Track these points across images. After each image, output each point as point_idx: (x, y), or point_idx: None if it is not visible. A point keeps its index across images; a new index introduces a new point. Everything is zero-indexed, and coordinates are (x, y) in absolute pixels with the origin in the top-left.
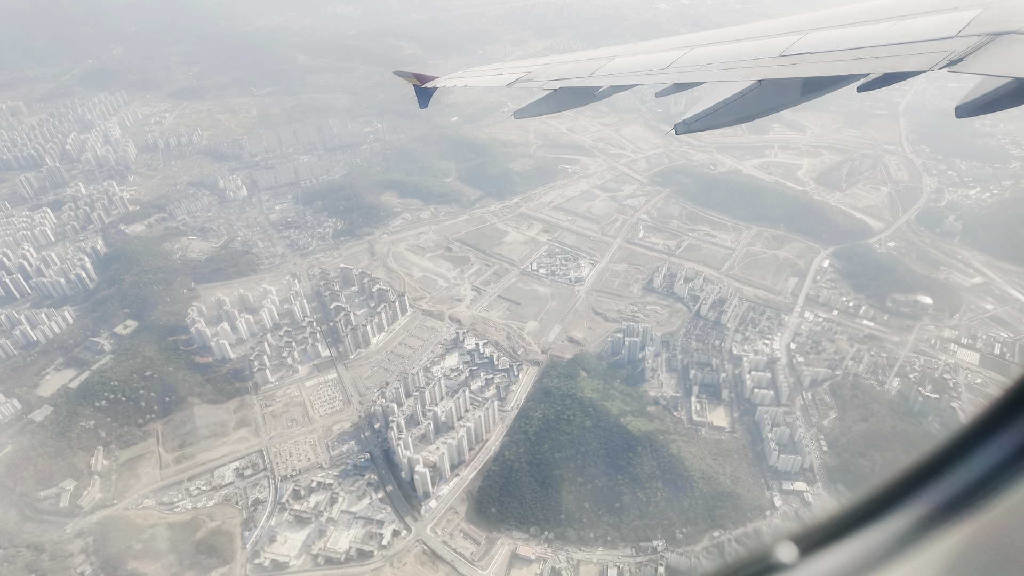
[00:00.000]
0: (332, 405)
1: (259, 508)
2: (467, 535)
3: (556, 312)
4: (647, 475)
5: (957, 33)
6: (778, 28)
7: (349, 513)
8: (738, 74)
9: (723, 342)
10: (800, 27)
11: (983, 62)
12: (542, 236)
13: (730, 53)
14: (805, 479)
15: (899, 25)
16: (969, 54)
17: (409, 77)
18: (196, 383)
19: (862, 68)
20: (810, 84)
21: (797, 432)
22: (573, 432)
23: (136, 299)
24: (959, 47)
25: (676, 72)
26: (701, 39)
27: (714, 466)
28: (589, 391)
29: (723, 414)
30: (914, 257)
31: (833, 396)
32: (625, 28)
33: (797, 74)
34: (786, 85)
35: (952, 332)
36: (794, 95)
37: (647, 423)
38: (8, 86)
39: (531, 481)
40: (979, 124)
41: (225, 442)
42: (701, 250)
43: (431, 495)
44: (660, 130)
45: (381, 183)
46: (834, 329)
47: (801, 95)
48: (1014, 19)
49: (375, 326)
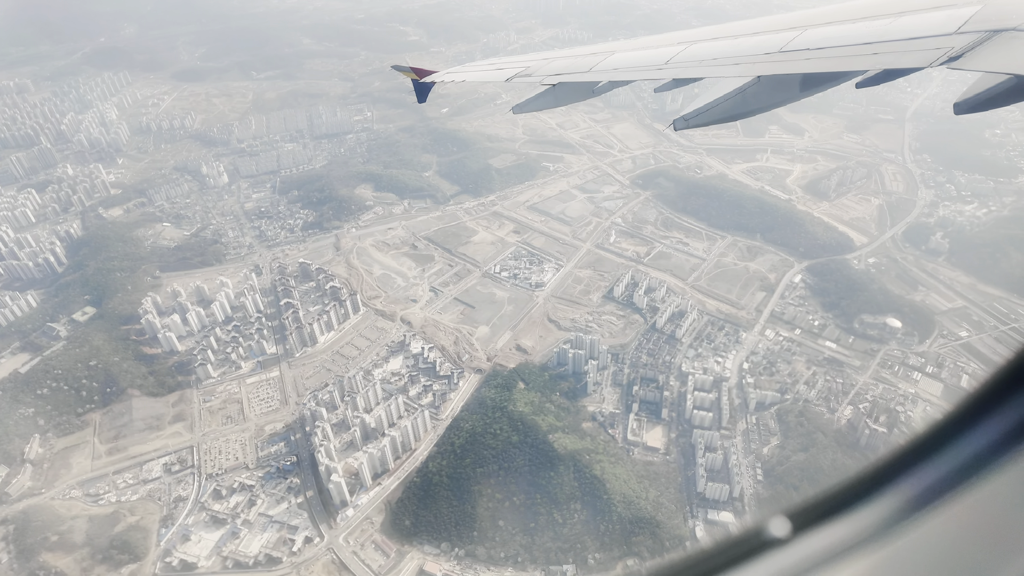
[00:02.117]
0: (269, 404)
1: (180, 505)
2: (379, 547)
3: (510, 318)
4: (566, 496)
5: (956, 30)
6: (777, 24)
7: (266, 516)
8: (737, 70)
9: (674, 358)
10: (799, 23)
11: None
12: (511, 237)
13: (729, 49)
14: (733, 509)
15: (898, 21)
16: (968, 51)
17: (407, 72)
18: (139, 375)
19: (860, 65)
20: (809, 80)
21: (731, 458)
22: (498, 447)
23: (98, 286)
24: (958, 44)
25: (675, 68)
26: (700, 35)
27: (637, 490)
28: (522, 404)
29: (660, 434)
30: (893, 276)
31: (779, 422)
32: (635, 19)
33: (795, 70)
34: (785, 81)
35: (918, 359)
36: (793, 91)
37: (576, 441)
38: (21, 63)
39: (449, 495)
40: (989, 134)
41: (159, 436)
42: (671, 259)
43: (348, 503)
44: (653, 129)
45: (358, 175)
46: (793, 350)
47: (800, 91)
48: (1012, 16)
49: (323, 324)
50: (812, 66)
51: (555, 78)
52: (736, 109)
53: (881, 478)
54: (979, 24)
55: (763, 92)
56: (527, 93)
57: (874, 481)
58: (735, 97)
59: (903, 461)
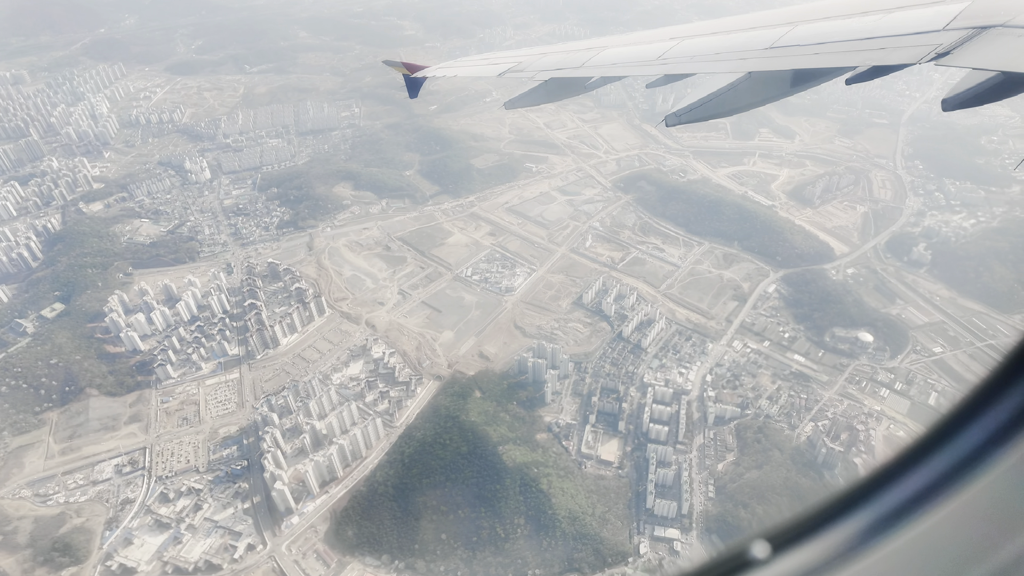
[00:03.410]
0: (226, 407)
1: (127, 508)
2: (320, 556)
3: (476, 323)
4: (511, 510)
5: (944, 27)
6: (769, 20)
7: (211, 521)
8: (728, 66)
9: (638, 368)
10: (791, 19)
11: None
12: (487, 239)
13: (720, 45)
14: (680, 526)
15: (887, 18)
16: (956, 47)
17: (399, 67)
18: (99, 374)
19: (850, 61)
20: (799, 76)
21: (683, 474)
22: (447, 457)
23: (68, 282)
24: (946, 40)
25: (666, 63)
26: (692, 30)
27: (584, 505)
28: (475, 414)
29: (616, 447)
30: (871, 288)
31: (737, 437)
32: (636, 16)
33: (786, 66)
34: (775, 77)
35: (888, 375)
36: (784, 87)
37: (527, 453)
38: (21, 53)
39: (393, 506)
40: (985, 140)
41: (114, 436)
42: (645, 265)
43: (294, 511)
44: (641, 130)
45: (338, 173)
46: (759, 362)
47: (791, 87)
48: (1000, 13)
49: (286, 326)
50: (802, 62)
51: (547, 73)
52: (727, 105)
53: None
54: (966, 21)
55: (754, 88)
56: (519, 89)
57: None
58: (726, 93)
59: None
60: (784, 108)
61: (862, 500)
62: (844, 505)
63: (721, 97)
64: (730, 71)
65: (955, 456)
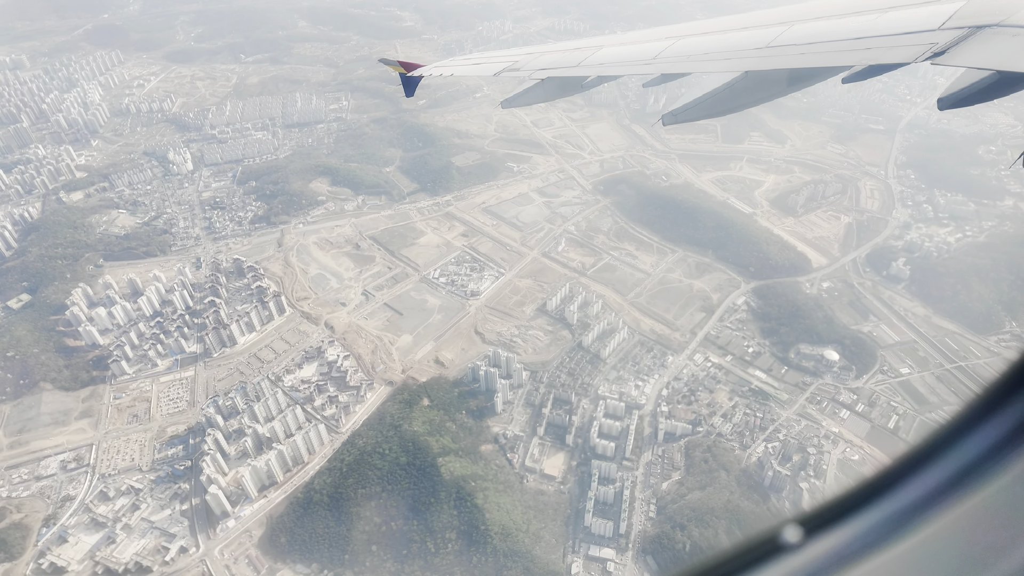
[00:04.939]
0: (177, 405)
1: (67, 505)
2: (251, 562)
3: (436, 327)
4: (443, 524)
5: (940, 26)
6: (766, 19)
7: (148, 522)
8: (724, 65)
9: (594, 379)
10: (788, 18)
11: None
12: (459, 240)
13: (717, 44)
14: (617, 546)
15: (883, 17)
16: (951, 47)
17: (395, 65)
18: (55, 368)
19: (846, 60)
20: (795, 76)
21: (624, 492)
22: (385, 468)
23: (37, 273)
24: (941, 40)
25: (662, 63)
26: (689, 29)
27: (519, 521)
28: (419, 423)
29: (561, 461)
30: (844, 303)
31: (685, 456)
32: (638, 11)
33: (782, 65)
34: (772, 77)
35: (850, 396)
36: (780, 87)
37: (468, 465)
38: (25, 37)
39: (327, 515)
40: (983, 150)
41: (63, 431)
42: (615, 272)
43: (230, 515)
44: (630, 131)
45: (317, 168)
46: (719, 378)
47: (787, 86)
48: (995, 12)
49: (244, 325)
50: (798, 61)
51: (543, 72)
52: (723, 104)
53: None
54: (962, 20)
55: (750, 87)
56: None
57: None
58: (722, 92)
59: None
60: (778, 111)
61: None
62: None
63: (718, 96)
64: (726, 71)
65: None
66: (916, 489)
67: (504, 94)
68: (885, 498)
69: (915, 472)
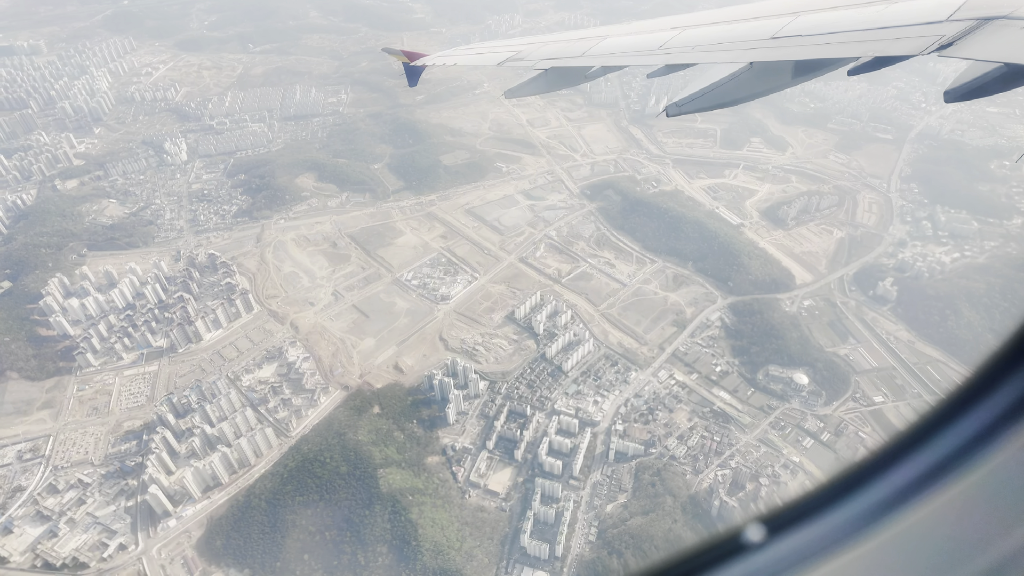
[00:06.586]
0: (137, 400)
1: (16, 496)
2: (187, 563)
3: (401, 332)
4: (375, 537)
5: (947, 17)
6: (771, 10)
7: (92, 517)
8: (729, 56)
9: (553, 392)
10: (794, 8)
11: (972, 47)
12: (437, 242)
13: (722, 35)
14: (551, 569)
15: (890, 8)
16: (959, 38)
17: (398, 55)
18: (24, 357)
19: (852, 52)
20: (801, 67)
21: (566, 513)
22: (324, 476)
23: (20, 260)
24: (949, 31)
25: (667, 53)
26: (695, 19)
27: (453, 539)
28: (365, 432)
29: (507, 477)
30: (824, 323)
31: (634, 478)
32: (653, 7)
33: (787, 57)
34: (777, 67)
35: (817, 423)
36: (785, 78)
37: (409, 478)
38: (46, 22)
39: (264, 520)
40: (995, 165)
41: (24, 421)
42: (591, 281)
43: (171, 514)
44: (627, 132)
45: (305, 162)
46: (681, 397)
47: (793, 78)
48: (1004, 4)
49: (210, 322)
50: (804, 52)
51: (547, 63)
52: (729, 95)
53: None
54: (970, 12)
55: (756, 78)
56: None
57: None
58: (727, 83)
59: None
60: (782, 116)
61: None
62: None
63: (722, 87)
64: (732, 61)
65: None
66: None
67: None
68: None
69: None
